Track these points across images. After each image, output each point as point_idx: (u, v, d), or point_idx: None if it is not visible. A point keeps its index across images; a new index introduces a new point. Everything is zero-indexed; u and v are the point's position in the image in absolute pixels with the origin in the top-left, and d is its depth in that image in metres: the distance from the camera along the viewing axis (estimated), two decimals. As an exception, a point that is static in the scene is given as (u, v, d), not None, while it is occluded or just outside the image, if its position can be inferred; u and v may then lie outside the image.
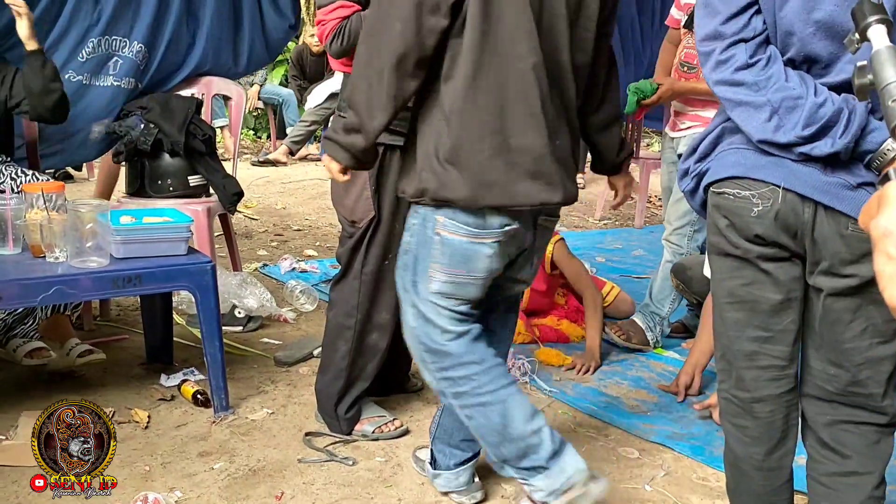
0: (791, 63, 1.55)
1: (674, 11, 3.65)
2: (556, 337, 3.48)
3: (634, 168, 5.40)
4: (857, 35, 1.22)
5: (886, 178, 0.70)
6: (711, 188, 1.65)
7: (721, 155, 1.64)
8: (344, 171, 1.94)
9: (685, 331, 3.63)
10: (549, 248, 3.44)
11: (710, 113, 3.26)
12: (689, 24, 3.32)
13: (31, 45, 2.94)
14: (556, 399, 2.92)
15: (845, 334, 1.60)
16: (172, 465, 2.33)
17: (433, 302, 1.93)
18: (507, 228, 1.89)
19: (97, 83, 3.52)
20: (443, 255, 1.89)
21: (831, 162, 1.51)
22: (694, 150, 1.70)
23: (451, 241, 1.88)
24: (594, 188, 6.92)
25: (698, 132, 3.22)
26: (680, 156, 3.38)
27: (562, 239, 3.51)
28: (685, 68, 3.37)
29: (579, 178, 7.31)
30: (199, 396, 2.70)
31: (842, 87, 1.51)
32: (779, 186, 1.55)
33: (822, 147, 1.49)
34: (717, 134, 1.66)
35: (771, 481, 1.72)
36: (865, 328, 1.59)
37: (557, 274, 3.54)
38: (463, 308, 1.95)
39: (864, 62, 0.84)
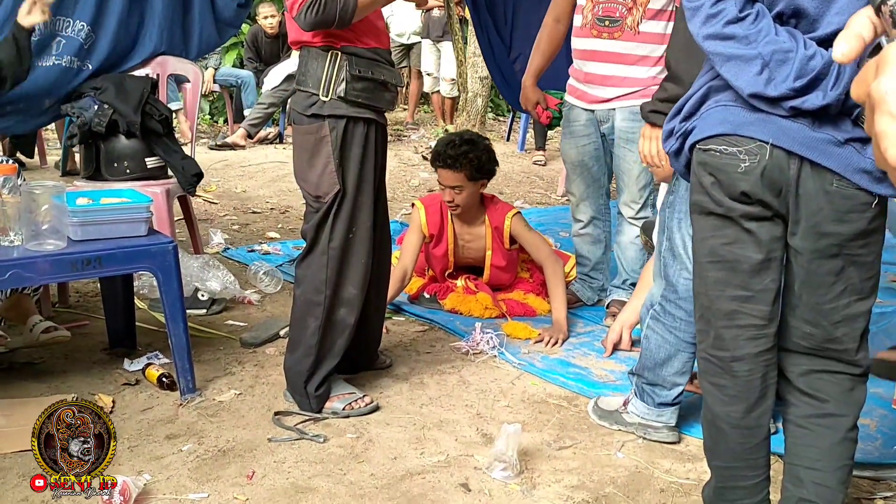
0: (779, 18, 1.55)
1: None
2: (524, 311, 3.48)
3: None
4: None
5: (878, 49, 0.69)
6: (698, 146, 1.64)
7: (708, 113, 1.63)
8: None
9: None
10: (507, 222, 3.44)
11: (643, 72, 3.08)
12: None
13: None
14: (525, 371, 2.93)
15: (827, 296, 1.63)
16: (140, 449, 2.29)
17: None
18: None
19: (40, 63, 3.44)
20: None
21: (820, 117, 1.51)
22: (679, 109, 1.69)
23: None
24: (555, 165, 6.93)
25: (635, 101, 2.98)
26: (601, 127, 3.25)
27: (518, 213, 3.51)
28: (606, 23, 3.08)
29: (539, 156, 7.30)
30: (164, 379, 2.65)
31: (829, 42, 1.50)
32: (766, 143, 1.55)
33: (814, 100, 1.49)
34: (703, 93, 1.65)
35: (748, 439, 1.74)
36: (845, 288, 1.62)
37: (517, 248, 3.54)
38: None
39: None
